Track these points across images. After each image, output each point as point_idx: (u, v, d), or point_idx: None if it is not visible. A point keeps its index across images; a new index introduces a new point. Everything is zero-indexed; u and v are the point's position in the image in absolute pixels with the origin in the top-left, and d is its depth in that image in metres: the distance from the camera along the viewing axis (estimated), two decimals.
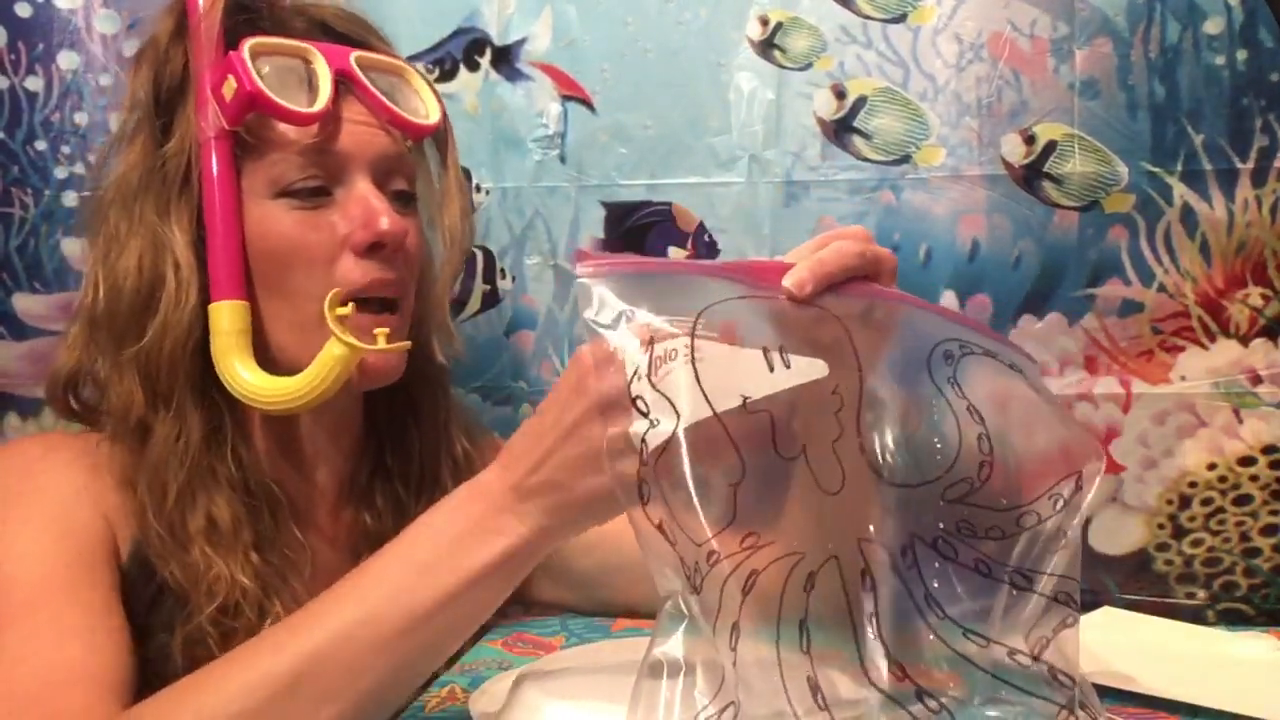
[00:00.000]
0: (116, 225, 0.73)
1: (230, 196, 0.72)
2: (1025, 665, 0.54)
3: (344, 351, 0.70)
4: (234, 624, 0.70)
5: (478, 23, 0.99)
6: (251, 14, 0.76)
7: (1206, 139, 0.90)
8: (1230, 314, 0.91)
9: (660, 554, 0.52)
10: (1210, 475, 0.91)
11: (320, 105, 0.71)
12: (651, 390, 0.53)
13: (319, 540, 0.79)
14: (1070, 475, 0.56)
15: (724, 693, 0.51)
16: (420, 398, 0.82)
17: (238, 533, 0.72)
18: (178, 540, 0.71)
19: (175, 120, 0.73)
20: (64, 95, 0.98)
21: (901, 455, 0.56)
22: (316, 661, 0.56)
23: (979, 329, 0.61)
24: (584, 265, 0.55)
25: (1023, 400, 0.58)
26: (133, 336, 0.72)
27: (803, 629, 0.53)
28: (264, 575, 0.72)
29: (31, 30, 0.98)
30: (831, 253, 0.55)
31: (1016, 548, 0.56)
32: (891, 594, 0.54)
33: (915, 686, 0.53)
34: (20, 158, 0.98)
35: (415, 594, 0.57)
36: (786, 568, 0.53)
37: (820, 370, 0.55)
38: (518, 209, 1.00)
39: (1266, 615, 0.91)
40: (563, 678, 0.66)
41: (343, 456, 0.82)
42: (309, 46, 0.73)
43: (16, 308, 0.99)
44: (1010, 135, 0.92)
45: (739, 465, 0.53)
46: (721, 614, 0.52)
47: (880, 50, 0.94)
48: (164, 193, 0.73)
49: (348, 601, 0.58)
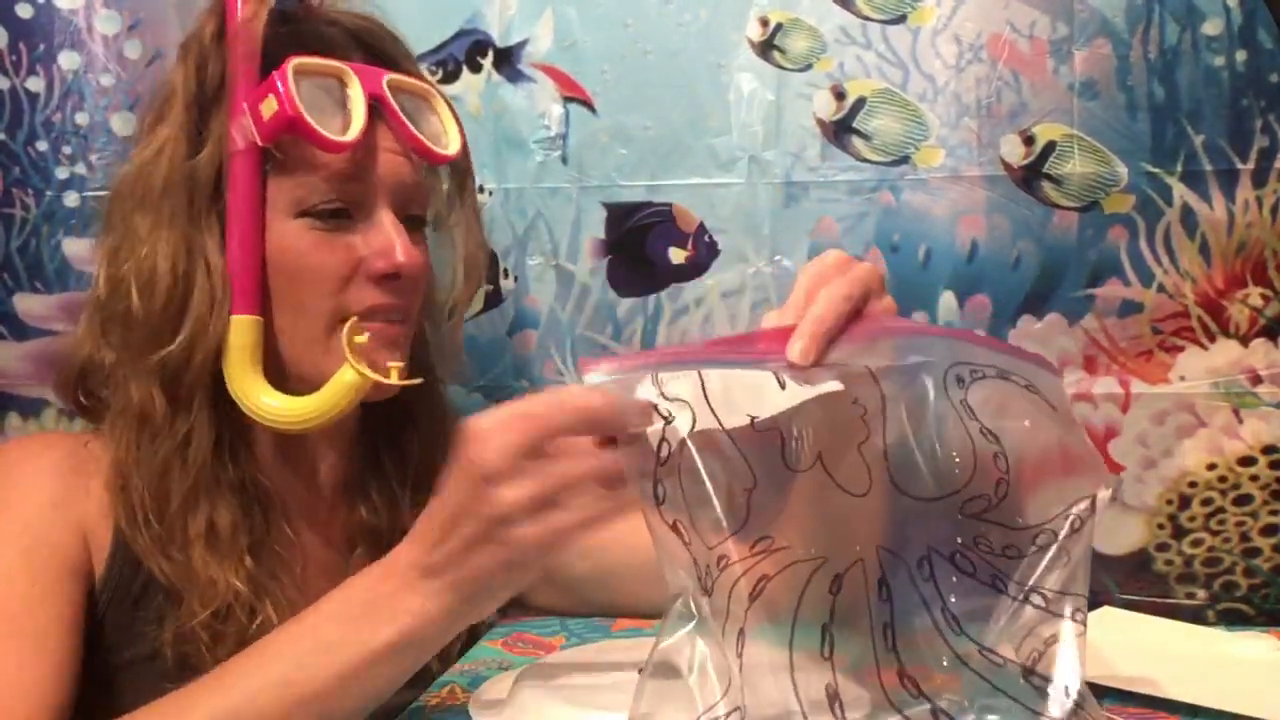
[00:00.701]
0: (139, 222, 0.73)
1: (255, 211, 0.72)
2: (1039, 687, 0.54)
3: (356, 379, 0.72)
4: (224, 628, 0.70)
5: (480, 24, 0.99)
6: (293, 24, 0.76)
7: (1206, 139, 0.90)
8: (1230, 314, 0.91)
9: (674, 554, 0.52)
10: (1210, 475, 0.91)
11: (354, 134, 0.72)
12: (662, 399, 0.54)
13: (314, 537, 0.80)
14: (1086, 498, 0.57)
15: (730, 696, 0.51)
16: (417, 410, 0.83)
17: (235, 538, 0.72)
18: (175, 543, 0.71)
19: (211, 123, 0.73)
20: (65, 96, 0.98)
21: (920, 468, 0.56)
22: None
23: (990, 344, 0.62)
24: (589, 373, 0.55)
25: (1038, 421, 0.58)
26: (161, 340, 0.71)
27: (825, 633, 0.53)
28: (256, 578, 0.72)
29: (32, 31, 0.98)
30: (824, 308, 0.55)
31: (1033, 567, 0.56)
32: (907, 605, 0.55)
33: (930, 704, 0.53)
34: (21, 158, 0.98)
35: (319, 666, 0.60)
36: (807, 571, 0.54)
37: (835, 386, 0.55)
38: (520, 210, 1.00)
39: (1266, 615, 0.91)
40: (563, 678, 0.66)
41: (340, 456, 0.82)
42: (345, 68, 0.73)
43: (18, 308, 0.99)
44: (1009, 136, 0.92)
45: (750, 474, 0.54)
46: (729, 619, 0.52)
47: (880, 51, 0.94)
48: (196, 198, 0.72)
49: (257, 667, 0.61)
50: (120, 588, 0.72)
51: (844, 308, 0.55)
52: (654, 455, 0.53)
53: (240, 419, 0.74)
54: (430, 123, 0.79)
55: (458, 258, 0.83)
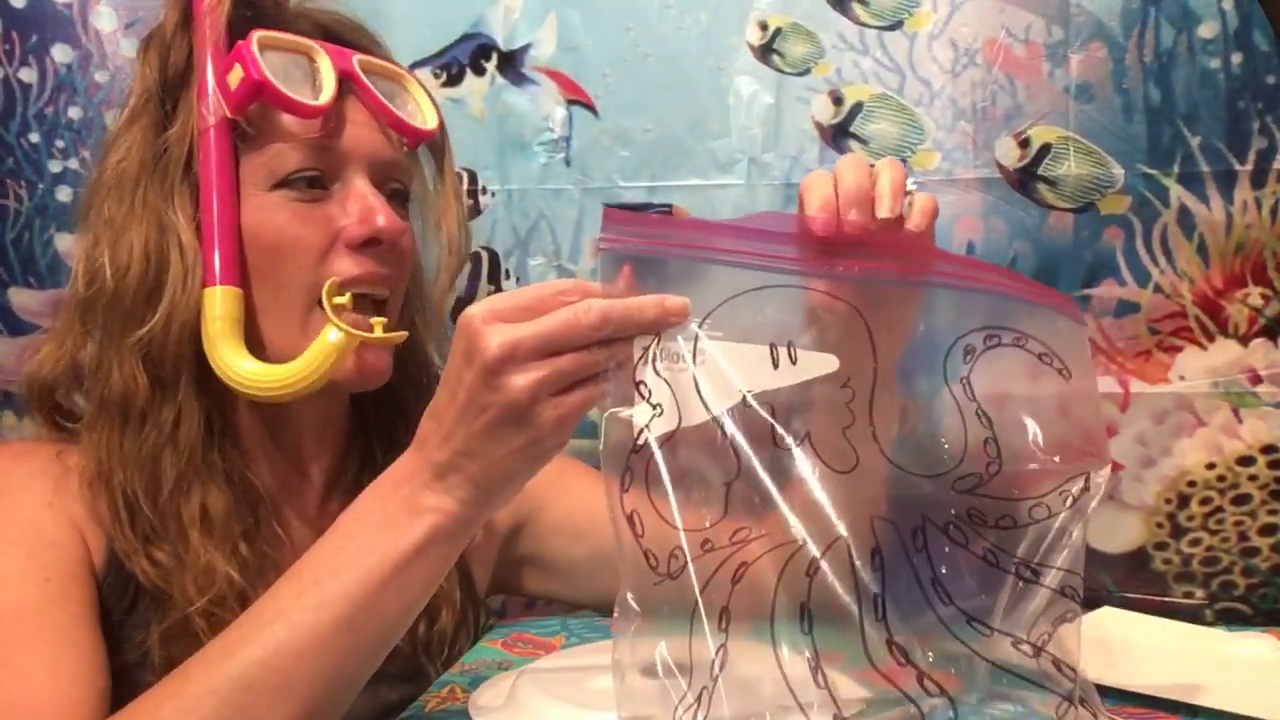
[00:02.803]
0: (114, 212, 0.72)
1: (228, 184, 0.72)
2: (1027, 655, 0.55)
3: (340, 339, 0.70)
4: (221, 614, 0.68)
5: (484, 29, 1.01)
6: (257, 10, 0.76)
7: (1203, 141, 0.90)
8: (1229, 314, 0.91)
9: (626, 545, 0.53)
10: (1209, 475, 0.91)
11: (324, 100, 0.72)
12: (656, 378, 0.54)
13: (306, 532, 0.78)
14: (1080, 474, 0.57)
15: (696, 681, 0.51)
16: (408, 400, 0.81)
17: (229, 524, 0.71)
18: (169, 530, 0.70)
19: (178, 107, 0.73)
20: (58, 88, 0.98)
21: (910, 451, 0.57)
22: (268, 659, 0.57)
23: (1013, 288, 0.60)
24: (609, 231, 0.55)
25: (1042, 395, 0.58)
26: (138, 320, 0.71)
27: (804, 612, 0.53)
28: (250, 567, 0.71)
29: (26, 21, 0.98)
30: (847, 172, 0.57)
31: (1025, 540, 0.56)
32: (898, 576, 0.55)
33: (916, 671, 0.53)
34: (15, 149, 0.97)
35: (353, 580, 0.58)
36: (784, 555, 0.53)
37: (829, 365, 0.55)
38: (523, 211, 1.01)
39: (1264, 615, 0.91)
40: (563, 678, 0.66)
41: (330, 453, 0.81)
42: (314, 44, 0.74)
43: (12, 302, 0.99)
44: (1005, 139, 0.93)
45: (735, 465, 0.54)
46: (709, 603, 0.52)
47: (877, 57, 0.95)
48: (167, 178, 0.73)
49: (291, 597, 0.59)
50: (113, 597, 0.70)
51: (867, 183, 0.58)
52: (631, 442, 0.53)
53: (228, 405, 0.74)
54: (405, 101, 0.79)
55: (442, 237, 0.82)
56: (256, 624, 0.59)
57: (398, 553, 0.58)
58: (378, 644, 0.60)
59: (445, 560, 0.60)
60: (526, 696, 0.64)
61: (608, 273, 0.55)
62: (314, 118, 0.72)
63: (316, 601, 0.58)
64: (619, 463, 0.53)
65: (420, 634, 0.78)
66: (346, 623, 0.58)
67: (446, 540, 0.59)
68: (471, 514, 0.58)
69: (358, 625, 0.58)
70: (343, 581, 0.58)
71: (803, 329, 0.57)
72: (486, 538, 0.86)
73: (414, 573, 0.59)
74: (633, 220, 0.57)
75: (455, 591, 0.80)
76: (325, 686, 0.58)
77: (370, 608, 0.58)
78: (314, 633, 0.58)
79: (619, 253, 0.55)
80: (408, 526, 0.58)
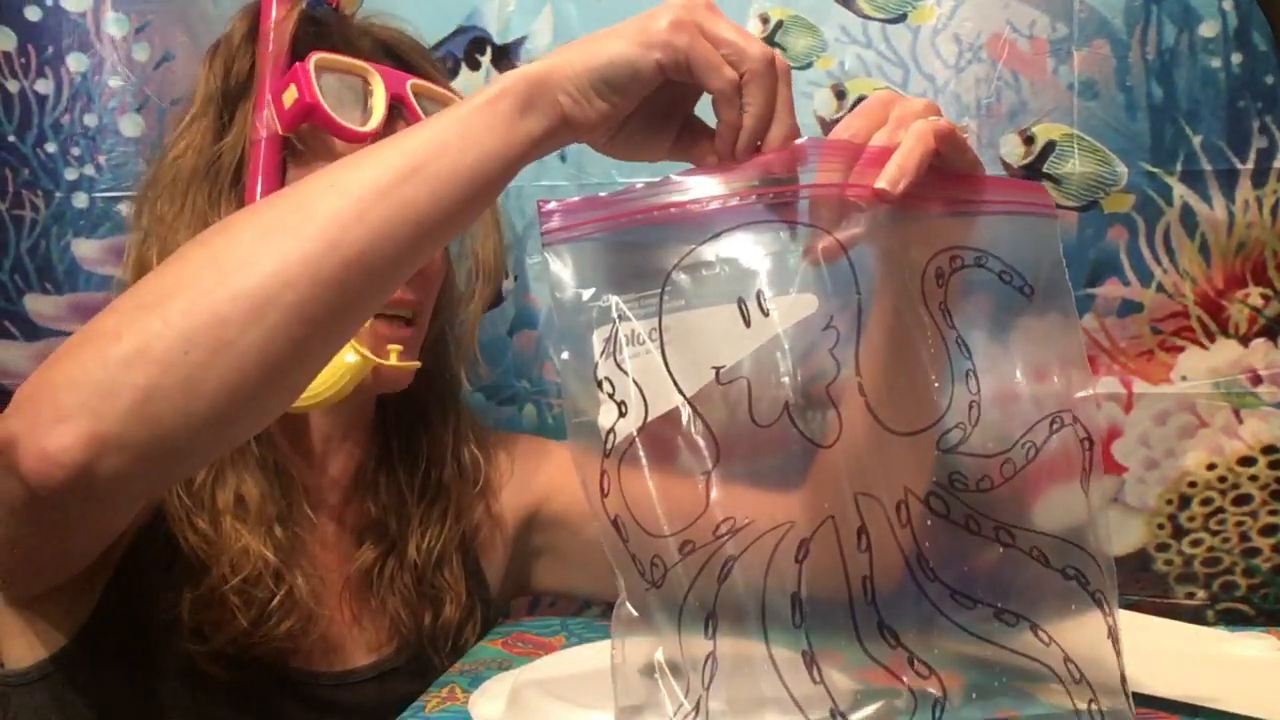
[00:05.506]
0: (164, 210, 0.76)
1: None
2: (1011, 625, 0.54)
3: (356, 361, 0.73)
4: (254, 592, 0.71)
5: (478, 21, 0.99)
6: (321, 27, 0.79)
7: (1205, 140, 0.90)
8: (1230, 314, 0.91)
9: (614, 550, 0.52)
10: (1210, 475, 0.91)
11: (372, 126, 0.75)
12: (618, 371, 0.52)
13: (328, 520, 0.82)
14: (1045, 418, 0.55)
15: (694, 689, 0.50)
16: (431, 411, 0.85)
17: (263, 509, 0.73)
18: (206, 514, 0.72)
19: (236, 116, 0.77)
20: (74, 97, 0.98)
21: (896, 396, 0.55)
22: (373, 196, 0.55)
23: (977, 203, 0.57)
24: (547, 225, 0.53)
25: (1010, 319, 0.56)
26: None
27: (795, 602, 0.52)
28: (284, 549, 0.73)
29: (41, 33, 0.98)
30: (915, 140, 0.55)
31: (999, 501, 0.55)
32: (885, 555, 0.53)
33: (908, 653, 0.52)
34: (31, 160, 0.98)
35: (472, 152, 0.56)
36: (772, 543, 0.52)
37: (808, 306, 0.53)
38: (519, 208, 1.00)
39: (1266, 615, 0.91)
40: (563, 678, 0.66)
41: (355, 446, 0.84)
42: (369, 67, 0.77)
43: (28, 309, 0.99)
44: (1009, 135, 0.92)
45: (712, 452, 0.52)
46: (694, 607, 0.51)
47: (880, 50, 0.94)
48: (216, 184, 0.76)
49: (396, 149, 0.57)
50: (151, 549, 0.72)
51: (931, 145, 0.55)
52: (601, 447, 0.52)
53: None
54: None
55: (478, 259, 0.85)
56: (333, 182, 0.56)
57: (527, 136, 0.57)
58: (463, 209, 0.57)
59: (544, 152, 0.58)
60: (527, 696, 0.64)
61: (556, 266, 0.53)
62: (360, 143, 0.73)
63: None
64: (594, 470, 0.52)
65: (425, 625, 0.81)
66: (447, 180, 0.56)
67: (564, 134, 0.58)
68: (575, 118, 0.58)
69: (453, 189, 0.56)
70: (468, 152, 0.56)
71: (771, 275, 0.54)
72: (496, 534, 0.87)
73: (527, 156, 0.57)
74: (571, 207, 0.55)
75: (461, 584, 0.82)
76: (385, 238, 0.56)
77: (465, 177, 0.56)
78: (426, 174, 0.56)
79: (564, 241, 0.54)
80: (535, 118, 0.57)
